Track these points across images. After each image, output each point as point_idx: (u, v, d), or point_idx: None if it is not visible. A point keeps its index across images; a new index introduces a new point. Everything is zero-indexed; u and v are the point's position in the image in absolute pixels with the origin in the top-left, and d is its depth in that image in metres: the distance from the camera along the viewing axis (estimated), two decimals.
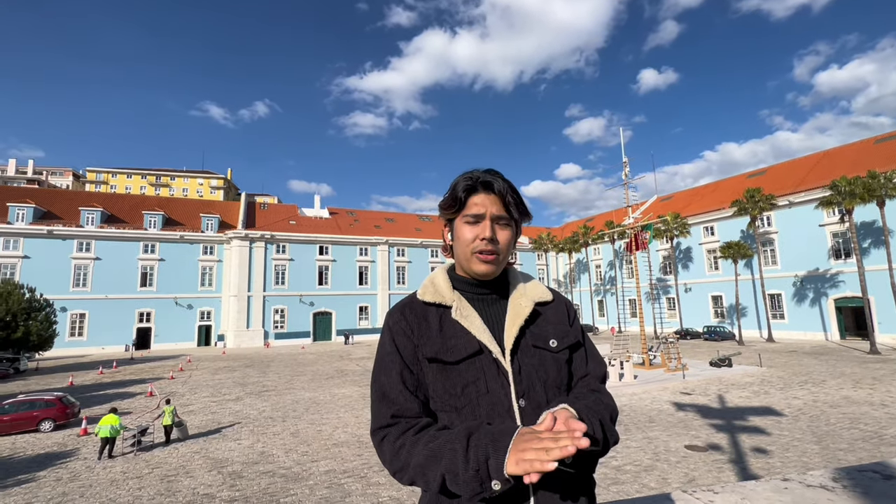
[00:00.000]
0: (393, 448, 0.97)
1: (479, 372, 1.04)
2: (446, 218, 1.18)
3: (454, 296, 1.13)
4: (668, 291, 45.13)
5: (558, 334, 1.15)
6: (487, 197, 1.10)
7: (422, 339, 1.08)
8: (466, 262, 1.13)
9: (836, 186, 27.19)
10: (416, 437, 0.96)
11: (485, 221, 1.09)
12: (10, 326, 25.35)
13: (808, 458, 9.56)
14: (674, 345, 22.85)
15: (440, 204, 1.17)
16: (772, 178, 40.20)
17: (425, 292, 1.15)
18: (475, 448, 0.86)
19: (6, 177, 75.32)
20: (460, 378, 1.04)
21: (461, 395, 1.03)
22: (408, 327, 1.10)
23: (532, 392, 1.05)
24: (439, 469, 0.88)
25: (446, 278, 1.18)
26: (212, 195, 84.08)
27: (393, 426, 1.00)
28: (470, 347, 1.05)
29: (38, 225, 38.80)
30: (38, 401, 14.50)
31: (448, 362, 1.05)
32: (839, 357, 24.11)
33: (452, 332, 1.07)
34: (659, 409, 14.29)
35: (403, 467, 0.94)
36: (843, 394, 15.41)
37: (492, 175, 1.13)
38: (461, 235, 1.12)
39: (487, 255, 1.09)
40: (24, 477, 10.04)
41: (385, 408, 1.03)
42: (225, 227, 46.31)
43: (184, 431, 12.83)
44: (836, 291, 32.31)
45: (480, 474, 0.83)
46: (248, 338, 42.61)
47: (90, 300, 39.25)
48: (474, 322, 1.08)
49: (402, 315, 1.12)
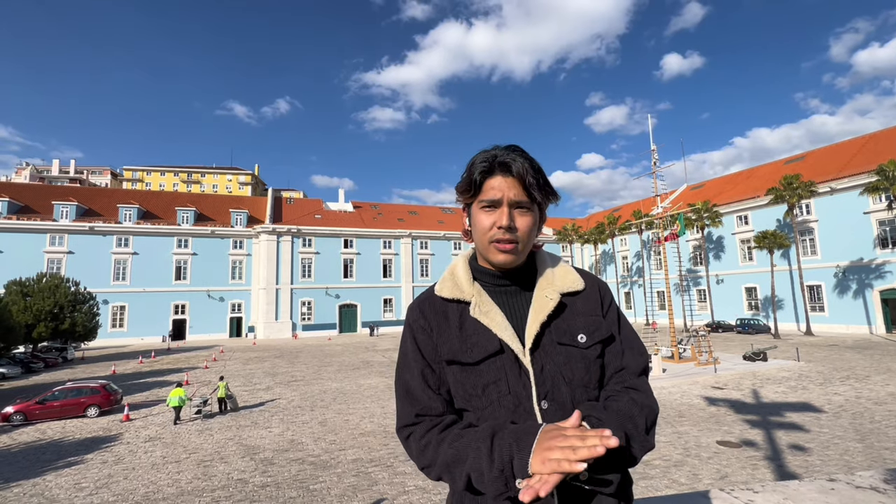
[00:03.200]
0: (419, 446, 0.97)
1: (501, 372, 0.98)
2: (463, 202, 1.09)
3: (474, 290, 1.06)
4: (698, 283, 43.74)
5: (588, 328, 1.05)
6: (505, 180, 1.00)
7: (441, 339, 1.03)
8: (484, 252, 1.05)
9: (884, 171, 25.62)
10: (441, 435, 0.95)
11: (502, 208, 1.00)
12: (58, 318, 26.89)
13: (850, 456, 9.13)
14: (705, 338, 22.16)
15: (457, 187, 1.09)
16: (811, 163, 38.20)
17: (443, 287, 1.09)
18: (499, 447, 0.84)
19: (51, 176, 79.49)
20: (481, 378, 0.99)
21: (482, 396, 0.98)
22: (427, 325, 1.06)
23: (556, 393, 0.98)
24: (464, 468, 0.87)
25: (467, 269, 1.11)
26: (240, 191, 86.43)
27: (417, 424, 0.99)
28: (490, 347, 0.99)
29: (81, 222, 40.81)
30: (84, 388, 15.36)
31: (467, 363, 1.00)
32: (885, 351, 22.86)
33: (473, 330, 1.01)
34: (689, 404, 13.93)
35: (430, 464, 0.94)
36: (889, 390, 14.62)
37: (511, 153, 1.02)
38: (477, 223, 1.04)
39: (505, 245, 1.00)
40: (74, 459, 10.68)
41: (409, 406, 1.02)
42: (253, 222, 47.57)
43: (234, 403, 15.10)
44: (882, 282, 30.55)
45: (505, 474, 0.81)
46: (277, 329, 43.83)
47: (129, 293, 41.15)
48: (495, 318, 1.01)
49: (422, 313, 1.08)
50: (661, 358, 19.32)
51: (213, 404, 15.37)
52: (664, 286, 24.50)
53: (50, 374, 24.21)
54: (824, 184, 33.37)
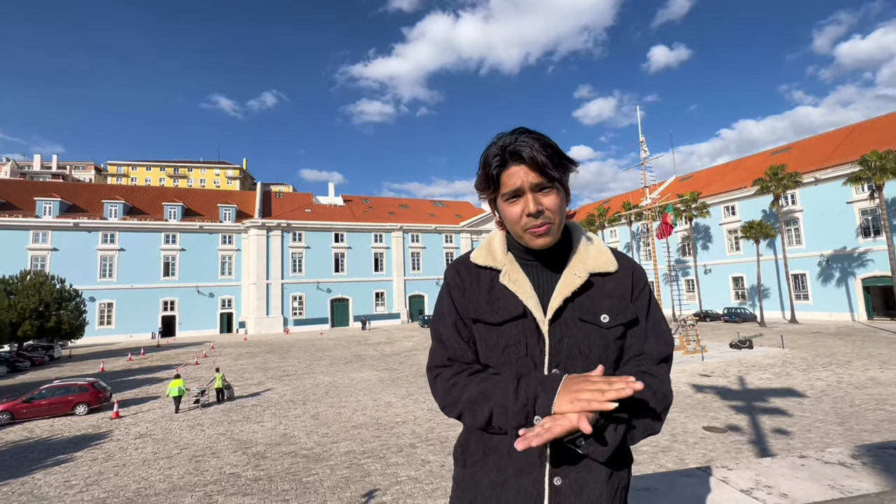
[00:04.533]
0: (446, 385, 1.04)
1: (521, 335, 1.03)
2: (487, 198, 1.10)
3: (507, 259, 1.11)
4: (686, 273, 44.34)
5: (613, 309, 1.06)
6: (521, 167, 1.00)
7: (471, 299, 1.10)
8: (520, 240, 1.07)
9: (866, 161, 26.09)
10: (470, 378, 1.02)
11: (525, 195, 1.01)
12: (43, 316, 26.45)
13: (830, 438, 9.40)
14: (693, 327, 22.54)
15: (476, 186, 1.10)
16: (796, 154, 38.76)
17: (479, 255, 1.14)
18: (525, 387, 0.92)
19: (32, 172, 77.70)
20: (502, 339, 1.05)
21: (501, 355, 1.05)
22: (461, 284, 1.12)
23: (570, 363, 1.01)
24: (489, 405, 0.95)
25: (503, 240, 1.15)
26: (228, 185, 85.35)
27: (447, 367, 1.07)
28: (514, 310, 1.04)
29: (65, 218, 40.05)
30: (72, 386, 15.20)
31: (491, 323, 1.06)
32: (866, 338, 23.46)
33: (501, 295, 1.07)
34: (677, 391, 14.19)
35: (454, 402, 1.01)
36: (868, 375, 15.03)
37: (520, 137, 1.02)
38: (507, 215, 1.04)
39: (539, 229, 1.01)
40: (63, 457, 10.59)
41: (441, 350, 1.10)
42: (242, 217, 47.07)
43: (230, 393, 15.80)
44: (865, 270, 31.25)
45: (527, 408, 0.89)
46: (268, 324, 43.60)
47: (117, 290, 40.58)
48: (523, 286, 1.06)
49: (457, 273, 1.15)
50: None
51: (211, 394, 15.90)
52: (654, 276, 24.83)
53: (36, 373, 23.87)
54: (809, 174, 33.91)
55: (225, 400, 15.57)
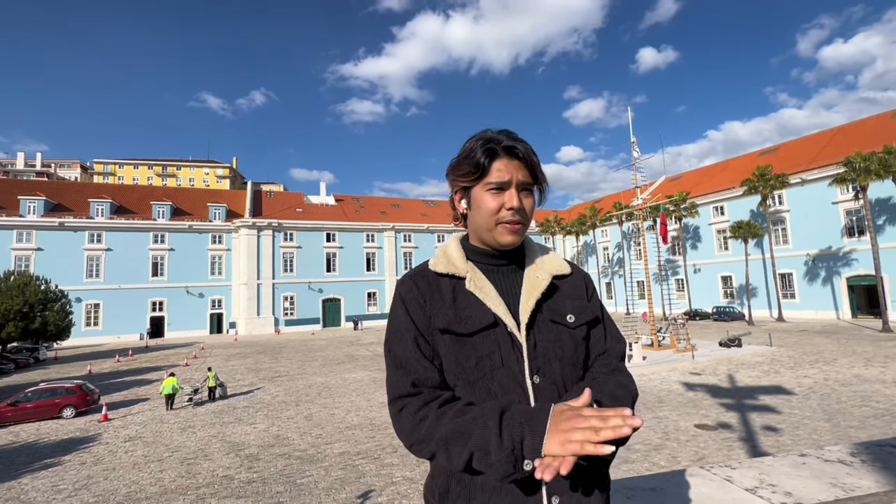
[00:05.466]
0: (413, 419, 0.91)
1: (494, 345, 0.99)
2: (462, 185, 1.07)
3: (468, 266, 1.07)
4: (676, 272, 44.85)
5: (576, 309, 1.09)
6: (511, 162, 1.02)
7: (434, 310, 1.02)
8: (489, 233, 1.05)
9: (851, 163, 26.58)
10: (441, 410, 0.90)
11: (511, 190, 1.01)
12: (28, 317, 25.91)
13: (818, 435, 9.58)
14: (683, 326, 22.80)
15: (454, 171, 1.07)
16: (784, 155, 39.40)
17: (437, 262, 1.09)
18: (509, 427, 0.80)
19: (16, 170, 76.06)
20: (474, 351, 0.99)
21: (475, 369, 0.98)
22: (420, 296, 1.04)
23: (547, 368, 1.00)
24: (467, 447, 0.82)
25: (459, 248, 1.12)
26: (218, 184, 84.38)
27: (414, 396, 0.94)
28: (485, 319, 1.00)
29: (50, 217, 39.29)
30: (59, 388, 14.91)
31: (462, 334, 1.00)
32: (851, 335, 23.94)
33: (466, 304, 1.02)
34: (668, 390, 14.35)
35: (424, 440, 0.88)
36: (854, 372, 15.34)
37: (511, 137, 1.04)
38: (484, 205, 1.03)
39: (514, 225, 1.02)
40: (50, 461, 10.39)
41: (403, 376, 0.97)
42: (232, 216, 46.57)
43: (223, 391, 16.05)
44: (849, 270, 31.88)
45: (515, 454, 0.78)
46: (259, 325, 43.21)
47: (104, 290, 39.91)
48: (489, 293, 1.03)
49: (415, 284, 1.06)
50: (641, 346, 19.82)
51: (204, 392, 16.20)
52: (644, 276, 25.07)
53: (21, 375, 23.40)
54: (795, 175, 34.48)
55: (217, 398, 15.74)
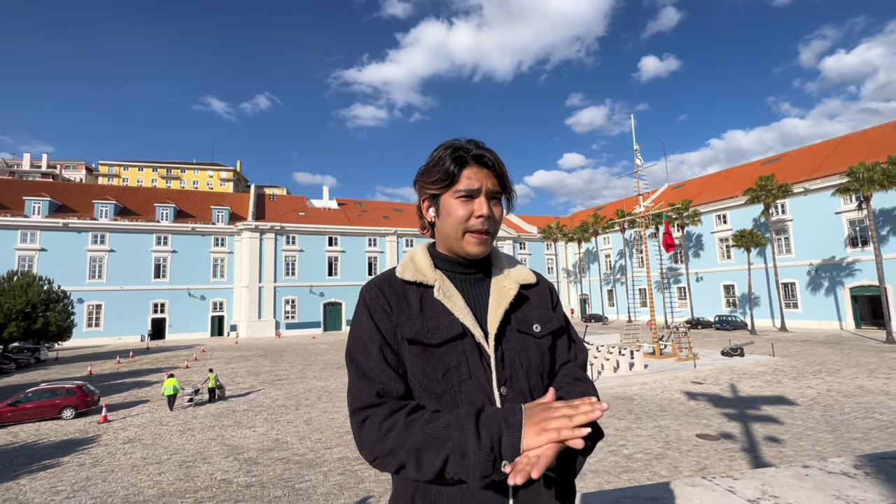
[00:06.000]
0: (378, 431, 0.87)
1: (462, 356, 0.98)
2: (431, 193, 1.06)
3: (436, 275, 1.05)
4: (678, 280, 44.70)
5: (542, 319, 1.09)
6: (480, 171, 1.02)
7: (401, 319, 0.99)
8: (457, 242, 1.04)
9: (854, 173, 26.55)
10: (410, 418, 0.87)
11: (480, 198, 1.01)
12: (30, 317, 25.98)
13: (821, 447, 9.49)
14: (685, 334, 22.70)
15: (423, 178, 1.06)
16: (787, 164, 39.38)
17: (405, 270, 1.06)
18: (486, 425, 0.81)
19: (21, 171, 76.62)
20: (441, 361, 0.97)
21: (442, 380, 0.96)
22: (386, 304, 1.01)
23: (514, 379, 1.00)
24: (442, 451, 0.81)
25: (427, 256, 1.10)
26: (221, 187, 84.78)
27: (378, 406, 0.91)
28: (452, 329, 0.98)
29: (54, 218, 39.50)
30: (59, 389, 14.91)
31: (429, 344, 0.98)
32: (854, 346, 23.78)
33: (434, 313, 1.00)
34: (670, 399, 14.26)
35: (392, 451, 0.85)
36: (857, 383, 15.22)
37: (480, 147, 1.05)
38: (453, 212, 1.02)
39: (482, 235, 1.02)
40: (49, 462, 10.38)
41: (367, 387, 0.93)
42: (235, 219, 46.73)
43: (222, 392, 16.48)
44: (853, 280, 31.73)
45: (494, 452, 0.78)
46: (260, 328, 43.21)
47: (106, 291, 40.02)
48: (457, 303, 1.01)
49: (381, 291, 1.03)
50: (642, 354, 19.73)
51: (205, 393, 16.51)
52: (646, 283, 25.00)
53: (22, 376, 23.42)
54: (798, 184, 34.44)
55: (217, 399, 16.08)
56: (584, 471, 8.65)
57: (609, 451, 9.72)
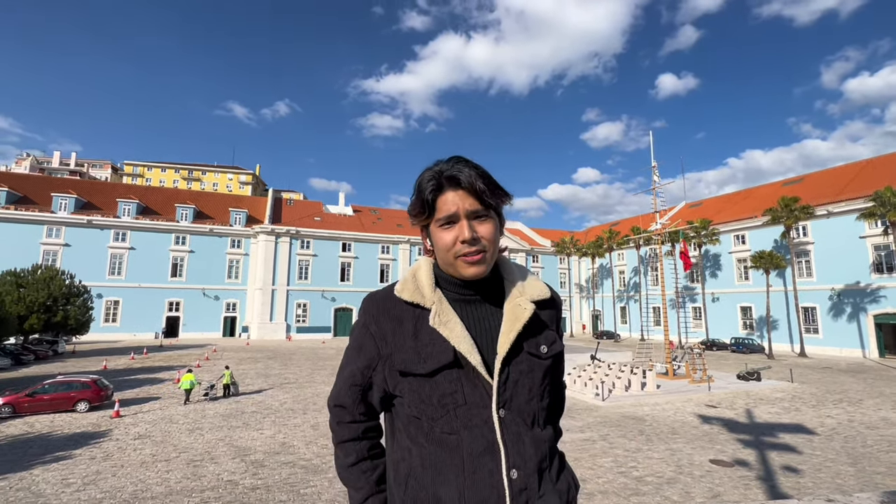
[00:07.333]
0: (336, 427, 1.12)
1: (457, 384, 0.98)
2: (420, 224, 1.06)
3: (435, 297, 1.03)
4: (694, 300, 43.84)
5: (549, 340, 1.08)
6: (457, 193, 0.98)
7: (395, 346, 1.02)
8: (452, 268, 1.02)
9: (880, 197, 25.92)
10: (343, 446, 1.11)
11: (461, 221, 0.98)
12: (50, 310, 26.68)
13: (842, 479, 9.13)
14: (700, 355, 22.19)
15: (409, 211, 1.06)
16: (809, 186, 38.60)
17: (404, 289, 1.05)
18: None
19: (51, 168, 79.33)
20: (435, 390, 0.98)
21: (438, 406, 0.98)
22: (378, 332, 1.04)
23: (515, 401, 1.00)
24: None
25: (430, 274, 1.07)
26: (240, 190, 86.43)
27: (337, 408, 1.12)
28: (444, 358, 0.97)
29: (79, 215, 40.69)
30: (75, 382, 15.22)
31: (421, 375, 0.99)
32: (878, 376, 22.93)
33: (429, 339, 0.99)
34: (682, 421, 13.91)
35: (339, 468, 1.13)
36: (881, 415, 14.65)
37: (456, 164, 1.00)
38: (439, 241, 1.01)
39: (473, 257, 0.98)
40: (62, 454, 10.56)
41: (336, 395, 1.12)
42: (252, 222, 47.53)
43: (236, 389, 17.53)
44: (877, 307, 30.74)
45: None
46: (271, 330, 43.60)
47: (124, 288, 40.93)
48: (454, 329, 0.99)
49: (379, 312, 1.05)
50: (655, 374, 19.33)
51: (219, 389, 17.28)
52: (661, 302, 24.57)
53: (40, 367, 23.97)
54: (821, 207, 33.69)
55: (231, 395, 17.04)
56: (593, 491, 8.47)
57: (619, 472, 9.50)
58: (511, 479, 0.95)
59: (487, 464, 0.95)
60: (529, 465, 0.98)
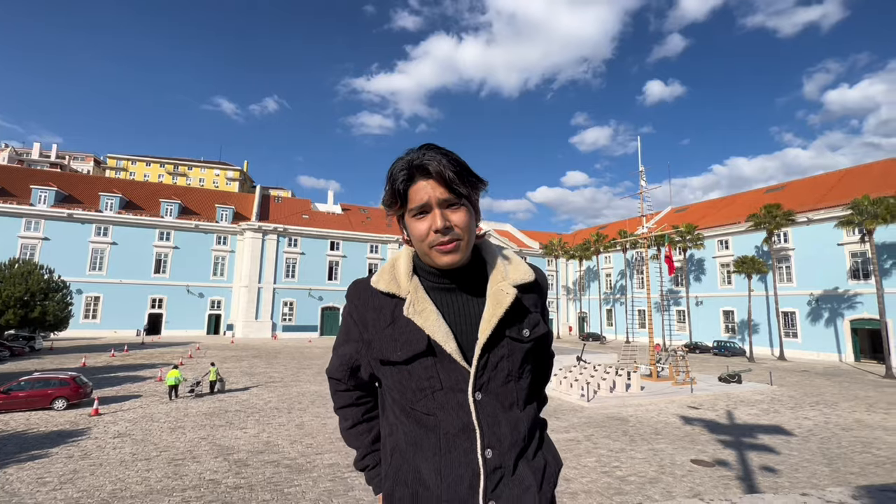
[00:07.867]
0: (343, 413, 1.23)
1: (432, 370, 0.99)
2: (394, 216, 1.05)
3: (411, 286, 1.04)
4: (678, 303, 44.57)
5: (531, 323, 1.07)
6: (428, 182, 0.97)
7: (373, 334, 1.05)
8: (428, 258, 1.02)
9: (858, 206, 26.64)
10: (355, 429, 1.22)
11: (433, 210, 0.97)
12: (28, 305, 25.94)
13: (817, 479, 9.38)
14: (683, 358, 22.56)
15: (383, 202, 1.05)
16: (790, 193, 39.54)
17: (380, 279, 1.07)
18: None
19: (30, 160, 77.21)
20: (412, 377, 1.00)
21: (416, 391, 1.01)
22: (360, 319, 1.08)
23: (492, 384, 1.01)
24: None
25: (409, 263, 1.08)
26: (227, 186, 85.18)
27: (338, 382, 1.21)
28: (418, 346, 0.99)
29: (59, 208, 39.69)
30: (52, 379, 14.84)
31: (396, 362, 1.01)
32: (853, 379, 23.59)
33: (405, 328, 1.01)
34: (665, 422, 14.13)
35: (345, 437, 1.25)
36: (855, 417, 15.08)
37: (427, 153, 0.99)
38: (414, 232, 1.00)
39: (447, 246, 0.97)
40: (38, 452, 10.29)
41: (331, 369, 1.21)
42: (239, 219, 46.90)
43: (222, 385, 17.38)
44: (853, 312, 31.62)
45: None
46: (257, 329, 43.07)
47: (105, 284, 40.03)
48: (428, 318, 1.00)
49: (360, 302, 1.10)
50: (639, 376, 19.59)
51: (206, 385, 17.30)
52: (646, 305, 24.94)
53: (16, 364, 23.32)
54: (802, 214, 34.54)
55: (216, 392, 16.96)
56: (577, 490, 8.56)
57: (602, 471, 9.62)
58: (486, 458, 0.97)
59: (463, 443, 0.98)
60: (504, 444, 1.00)
